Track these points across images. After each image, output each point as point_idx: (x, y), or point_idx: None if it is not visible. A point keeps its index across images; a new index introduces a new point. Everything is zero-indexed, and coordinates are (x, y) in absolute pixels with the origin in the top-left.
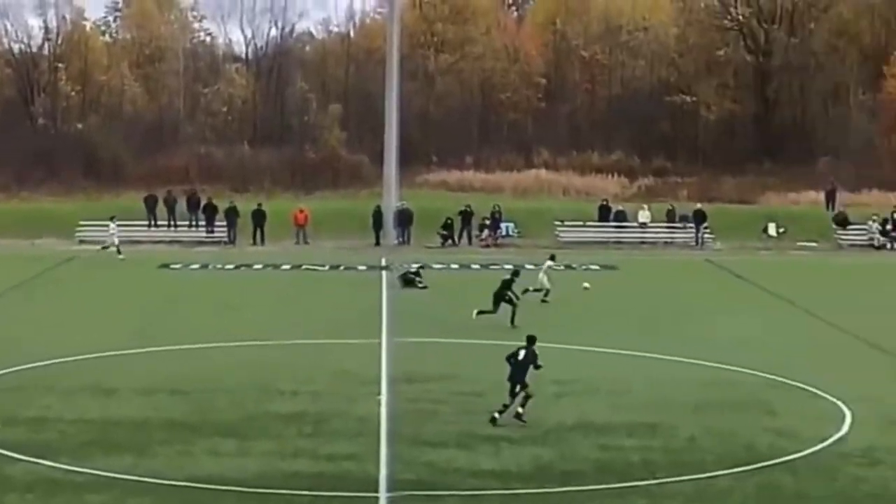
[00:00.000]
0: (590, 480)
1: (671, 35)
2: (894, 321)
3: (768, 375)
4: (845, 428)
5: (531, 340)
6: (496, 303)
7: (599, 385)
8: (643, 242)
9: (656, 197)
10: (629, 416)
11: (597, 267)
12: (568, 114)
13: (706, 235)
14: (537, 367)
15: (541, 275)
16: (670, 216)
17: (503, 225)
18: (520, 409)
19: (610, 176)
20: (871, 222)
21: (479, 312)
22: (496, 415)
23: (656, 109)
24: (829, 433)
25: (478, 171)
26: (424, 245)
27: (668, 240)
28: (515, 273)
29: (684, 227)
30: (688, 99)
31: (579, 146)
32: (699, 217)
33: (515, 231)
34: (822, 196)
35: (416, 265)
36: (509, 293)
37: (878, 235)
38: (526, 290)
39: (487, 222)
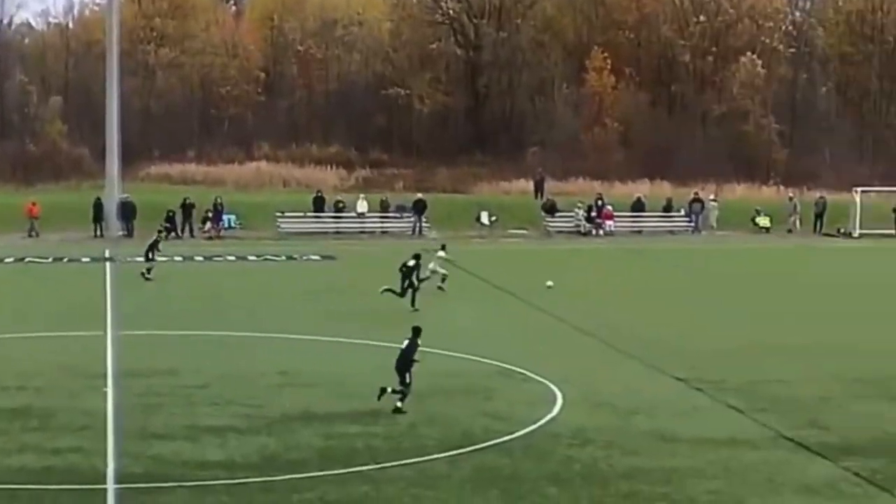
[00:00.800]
0: (314, 468)
1: (385, 30)
2: (599, 305)
3: (484, 360)
4: (556, 409)
5: (416, 332)
6: (403, 285)
7: (323, 374)
8: (362, 232)
9: (374, 188)
10: (352, 405)
11: (317, 257)
12: (287, 107)
13: (424, 225)
14: (413, 360)
15: (431, 264)
16: (384, 206)
17: (225, 217)
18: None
19: (329, 168)
20: (577, 209)
21: (385, 290)
22: (398, 403)
23: (372, 103)
24: (541, 415)
25: (200, 164)
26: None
27: (385, 229)
28: (417, 257)
29: (402, 217)
30: (402, 92)
31: (299, 139)
32: (419, 207)
33: (237, 223)
34: (531, 185)
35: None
36: (411, 278)
37: (583, 222)
38: (422, 279)
39: (210, 215)
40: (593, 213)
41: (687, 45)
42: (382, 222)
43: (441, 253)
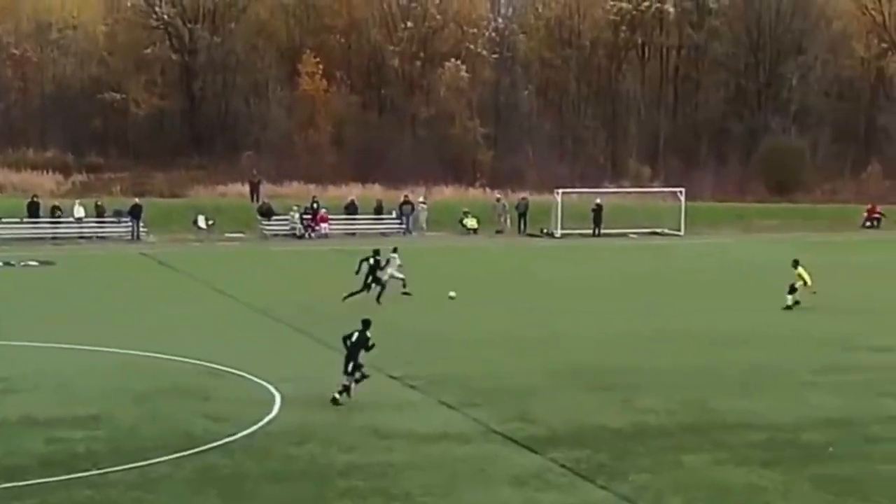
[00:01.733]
0: (35, 474)
1: (100, 33)
2: (315, 305)
3: (202, 362)
4: (276, 409)
5: (365, 324)
6: (365, 281)
7: (43, 379)
8: (80, 237)
9: (91, 192)
10: (74, 409)
11: (35, 263)
12: (2, 111)
13: (142, 229)
14: (368, 348)
15: (391, 269)
16: (99, 212)
17: None
18: (352, 385)
19: (45, 172)
20: (292, 213)
21: (347, 296)
22: (336, 395)
23: (88, 106)
24: (261, 415)
25: None
26: None
27: (103, 234)
28: (376, 252)
29: (119, 222)
30: (118, 96)
31: (14, 143)
32: (136, 211)
33: None
34: (247, 188)
35: None
36: (375, 274)
37: (299, 225)
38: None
39: None
40: (307, 216)
41: (396, 50)
42: (100, 227)
43: (394, 255)
